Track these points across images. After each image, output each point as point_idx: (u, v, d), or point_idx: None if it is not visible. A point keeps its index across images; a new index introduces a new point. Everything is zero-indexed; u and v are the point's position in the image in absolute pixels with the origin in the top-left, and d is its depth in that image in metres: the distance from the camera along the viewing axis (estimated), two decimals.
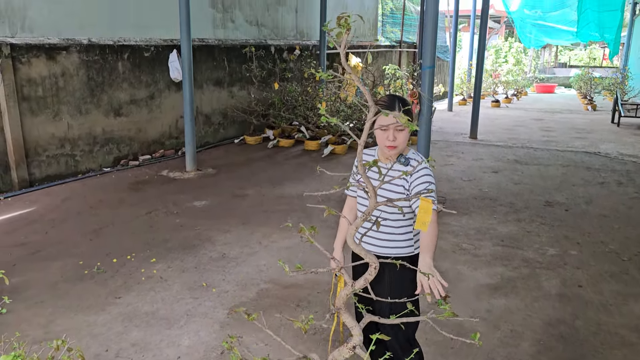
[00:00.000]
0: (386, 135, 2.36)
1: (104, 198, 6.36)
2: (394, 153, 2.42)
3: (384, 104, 2.39)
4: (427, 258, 2.31)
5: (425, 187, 2.36)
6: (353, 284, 2.04)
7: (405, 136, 2.37)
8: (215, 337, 3.45)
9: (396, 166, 2.45)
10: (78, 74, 7.11)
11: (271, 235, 5.25)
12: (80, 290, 4.07)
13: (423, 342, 3.43)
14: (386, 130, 2.35)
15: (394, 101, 2.39)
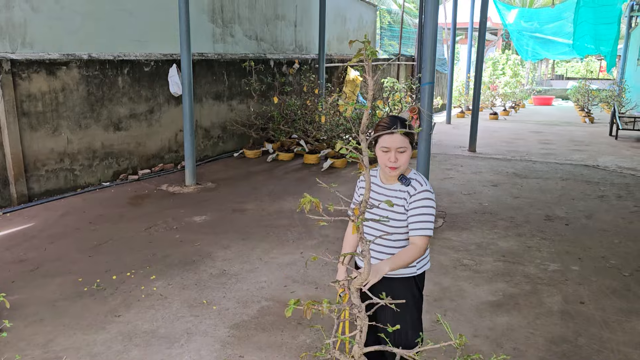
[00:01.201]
0: (388, 157, 2.39)
1: (104, 213, 6.34)
2: (396, 174, 2.44)
3: (385, 125, 2.40)
4: (384, 265, 2.26)
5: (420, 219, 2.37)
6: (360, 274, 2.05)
7: (407, 157, 2.40)
8: (216, 356, 3.42)
9: (397, 186, 2.47)
10: (78, 89, 7.13)
11: (271, 251, 5.23)
12: (80, 308, 4.04)
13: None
14: (388, 151, 2.38)
15: (395, 122, 2.40)
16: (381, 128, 2.40)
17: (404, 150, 2.38)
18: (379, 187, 2.54)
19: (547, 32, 20.62)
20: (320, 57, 11.61)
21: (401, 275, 2.49)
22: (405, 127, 2.37)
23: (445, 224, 6.11)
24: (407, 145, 2.38)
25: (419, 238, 2.37)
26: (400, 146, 2.37)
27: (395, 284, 2.47)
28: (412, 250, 2.37)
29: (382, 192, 2.52)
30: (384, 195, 2.50)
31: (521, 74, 26.27)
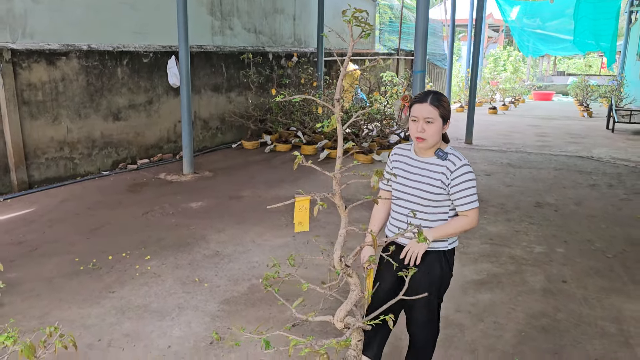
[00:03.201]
0: (416, 126, 2.44)
1: (102, 199, 6.48)
2: (423, 146, 2.46)
3: (417, 96, 2.49)
4: (430, 233, 2.44)
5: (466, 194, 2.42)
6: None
7: (434, 129, 2.42)
8: (205, 328, 3.55)
9: (433, 160, 2.49)
10: (78, 79, 7.26)
11: (265, 234, 5.35)
12: (76, 285, 4.17)
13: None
14: (416, 121, 2.44)
15: (427, 94, 2.46)
16: (413, 99, 2.49)
17: (431, 121, 2.40)
18: (413, 160, 2.56)
19: (550, 29, 20.66)
20: (319, 50, 11.73)
21: (433, 249, 2.52)
22: (438, 102, 2.42)
23: None
24: (436, 117, 2.40)
25: (470, 211, 2.45)
26: (428, 117, 2.40)
27: (426, 257, 2.51)
28: (462, 220, 2.46)
29: (416, 165, 2.53)
30: (417, 168, 2.52)
31: (522, 70, 26.32)
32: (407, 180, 2.54)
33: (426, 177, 2.48)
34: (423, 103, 2.43)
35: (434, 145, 2.47)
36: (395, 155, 2.66)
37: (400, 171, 2.58)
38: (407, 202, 2.54)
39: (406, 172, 2.56)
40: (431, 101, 2.42)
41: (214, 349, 3.32)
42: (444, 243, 2.53)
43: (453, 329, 3.59)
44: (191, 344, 3.36)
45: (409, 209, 2.50)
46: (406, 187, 2.54)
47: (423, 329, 2.66)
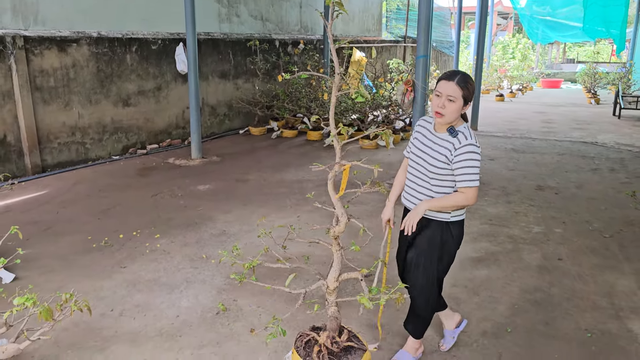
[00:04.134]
0: (437, 102, 2.55)
1: (113, 182, 6.67)
2: (441, 121, 2.59)
3: (446, 73, 2.60)
4: (424, 204, 2.61)
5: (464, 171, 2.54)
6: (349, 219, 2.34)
7: (454, 108, 2.52)
8: (212, 300, 3.72)
9: (445, 135, 2.62)
10: (88, 65, 7.43)
11: (270, 215, 5.51)
12: (89, 261, 4.36)
13: (405, 305, 3.67)
14: (439, 96, 2.55)
15: (456, 74, 2.57)
16: (443, 77, 2.59)
17: (453, 99, 2.50)
18: (430, 134, 2.70)
19: (560, 16, 20.52)
20: (326, 38, 11.80)
21: (436, 218, 2.69)
22: (465, 83, 2.51)
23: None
24: (458, 97, 2.50)
25: (466, 189, 2.55)
26: (451, 94, 2.50)
27: (430, 224, 2.71)
28: (456, 196, 2.58)
29: (431, 139, 2.68)
30: (431, 142, 2.67)
31: (531, 57, 26.18)
32: (420, 152, 2.70)
33: (435, 151, 2.62)
34: (450, 81, 2.52)
35: (450, 122, 2.59)
36: (418, 126, 2.82)
37: (418, 142, 2.75)
38: (417, 172, 2.72)
39: (422, 143, 2.71)
40: (458, 81, 2.51)
41: (220, 318, 3.49)
42: (446, 214, 2.67)
43: (449, 302, 3.72)
44: (198, 314, 3.54)
45: (418, 179, 2.70)
46: (418, 157, 2.70)
47: (421, 293, 2.81)
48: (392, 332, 3.34)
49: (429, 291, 2.81)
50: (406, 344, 3.02)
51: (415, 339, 2.97)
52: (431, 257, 2.73)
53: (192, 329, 3.36)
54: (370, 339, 3.25)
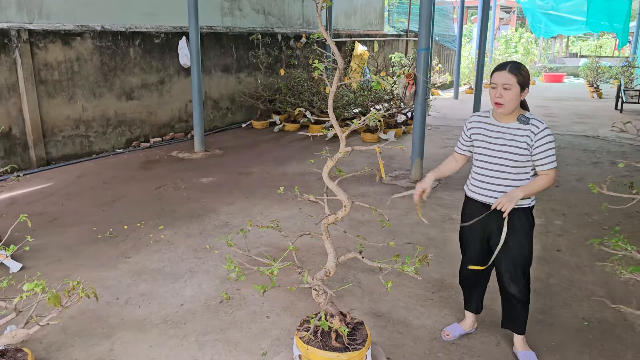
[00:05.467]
0: (494, 92, 2.63)
1: (117, 175, 6.74)
2: (502, 111, 2.65)
3: (499, 64, 2.67)
4: (519, 191, 2.61)
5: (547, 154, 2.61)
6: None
7: (512, 96, 2.60)
8: (215, 289, 3.79)
9: (516, 125, 2.67)
10: (92, 59, 7.49)
11: (272, 207, 5.58)
12: (94, 251, 4.43)
13: (406, 294, 3.74)
14: (495, 88, 2.63)
15: (507, 63, 2.65)
16: (495, 69, 2.67)
17: (509, 87, 2.58)
18: (493, 126, 2.74)
19: (563, 10, 20.48)
20: (328, 32, 11.83)
21: (521, 205, 2.73)
22: (517, 70, 2.59)
23: (440, 186, 6.39)
24: (514, 84, 2.57)
25: (550, 170, 2.64)
26: (506, 83, 2.58)
27: (517, 212, 2.73)
28: (543, 179, 2.65)
29: (498, 130, 2.71)
30: (500, 133, 2.70)
31: (534, 52, 26.16)
32: (491, 145, 2.72)
33: (512, 140, 2.65)
34: (502, 71, 2.61)
35: (512, 111, 2.65)
36: (473, 122, 2.84)
37: (480, 136, 2.77)
38: (493, 165, 2.72)
39: (488, 137, 2.73)
40: (510, 69, 2.59)
41: (224, 307, 3.56)
42: (528, 201, 2.76)
43: (449, 292, 3.79)
44: (202, 303, 3.61)
45: (496, 172, 2.71)
46: (491, 150, 2.71)
47: (519, 282, 2.88)
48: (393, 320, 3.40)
49: (527, 280, 2.90)
50: (518, 344, 3.03)
51: (522, 334, 3.01)
52: (528, 244, 2.82)
53: (196, 317, 3.43)
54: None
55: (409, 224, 5.08)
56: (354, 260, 4.22)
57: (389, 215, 5.35)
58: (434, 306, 3.60)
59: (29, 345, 3.02)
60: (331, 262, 2.34)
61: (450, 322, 3.38)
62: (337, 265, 2.38)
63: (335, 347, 2.28)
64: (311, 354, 2.36)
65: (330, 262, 2.34)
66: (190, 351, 3.06)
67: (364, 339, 2.36)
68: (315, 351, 2.33)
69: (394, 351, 3.05)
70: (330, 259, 2.34)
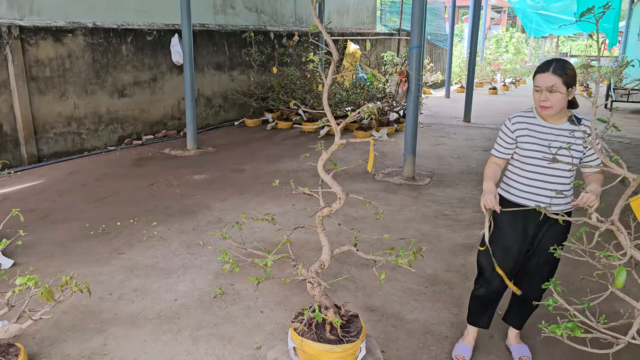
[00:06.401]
0: (539, 96, 2.48)
1: (109, 172, 6.70)
2: (549, 113, 2.49)
3: (540, 65, 2.52)
4: (599, 187, 2.45)
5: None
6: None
7: (558, 97, 2.43)
8: (209, 284, 3.79)
9: (568, 126, 2.52)
10: (84, 55, 7.44)
11: (266, 203, 5.58)
12: (87, 248, 4.41)
13: (399, 289, 3.76)
14: (539, 90, 2.47)
15: (550, 63, 2.48)
16: (536, 69, 2.52)
17: (554, 89, 2.41)
18: (542, 127, 2.56)
19: (554, 10, 20.64)
20: None
21: (567, 210, 2.61)
22: (562, 69, 2.42)
23: (432, 182, 6.42)
24: (559, 85, 2.40)
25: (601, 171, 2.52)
26: (550, 85, 2.41)
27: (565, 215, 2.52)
28: (601, 177, 2.52)
29: (550, 132, 2.54)
30: (552, 135, 2.53)
31: (524, 51, 26.35)
32: (544, 147, 2.53)
33: (570, 143, 2.47)
34: (545, 72, 2.45)
35: (560, 111, 2.50)
36: (518, 123, 2.64)
37: (529, 138, 2.58)
38: (547, 169, 2.54)
39: (539, 139, 2.55)
40: (554, 70, 2.43)
41: (218, 302, 3.56)
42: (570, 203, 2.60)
43: (442, 286, 3.82)
44: (196, 298, 3.60)
45: (550, 175, 2.54)
46: (545, 154, 2.52)
47: (540, 284, 2.74)
48: (386, 314, 3.41)
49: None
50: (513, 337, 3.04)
51: (520, 329, 3.03)
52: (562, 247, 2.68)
53: (190, 312, 3.42)
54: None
55: (402, 220, 5.10)
56: (348, 255, 4.25)
57: (381, 210, 5.37)
58: (427, 300, 3.62)
59: (22, 340, 3.01)
60: (326, 255, 2.35)
61: (443, 317, 3.40)
62: (332, 258, 2.39)
63: (329, 339, 2.29)
64: (305, 346, 2.37)
65: (324, 255, 2.35)
66: (184, 346, 3.06)
67: (358, 331, 2.37)
68: (310, 343, 2.34)
69: (388, 344, 3.07)
70: (324, 252, 2.35)
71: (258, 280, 2.29)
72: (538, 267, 2.77)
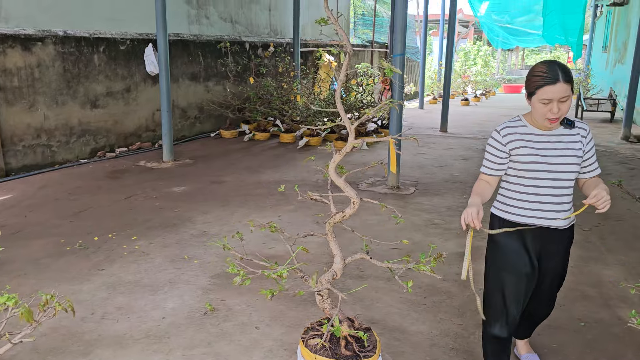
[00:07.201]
0: (549, 108, 2.14)
1: (82, 185, 6.40)
2: (554, 125, 2.25)
3: (544, 74, 2.14)
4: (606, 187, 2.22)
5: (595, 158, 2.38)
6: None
7: (568, 106, 2.17)
8: (198, 300, 3.58)
9: (563, 130, 2.30)
10: (54, 65, 7.14)
11: (250, 215, 5.39)
12: (63, 264, 4.14)
13: (397, 300, 3.62)
14: (548, 103, 2.14)
15: (555, 72, 2.13)
16: (539, 79, 2.15)
17: (567, 99, 2.13)
18: (537, 136, 2.29)
19: (519, 24, 21.14)
20: (295, 40, 11.76)
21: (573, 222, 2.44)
22: (568, 74, 2.13)
23: (417, 191, 6.34)
24: (569, 92, 2.14)
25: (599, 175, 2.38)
26: (564, 95, 2.12)
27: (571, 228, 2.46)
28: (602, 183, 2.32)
29: (546, 140, 2.28)
30: (550, 143, 2.28)
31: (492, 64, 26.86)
32: (543, 158, 2.27)
33: (567, 149, 2.28)
34: (556, 84, 2.11)
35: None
36: (510, 135, 2.32)
37: (525, 149, 2.29)
38: (550, 181, 2.28)
39: (536, 149, 2.28)
40: (564, 79, 2.12)
41: (209, 318, 3.35)
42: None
43: (441, 296, 3.70)
44: (185, 315, 3.39)
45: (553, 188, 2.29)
46: (546, 165, 2.27)
47: (552, 302, 2.67)
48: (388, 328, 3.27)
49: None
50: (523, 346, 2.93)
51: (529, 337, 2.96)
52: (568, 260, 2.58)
53: (180, 330, 3.21)
54: None
55: (392, 229, 4.99)
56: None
57: (371, 220, 5.25)
58: (428, 311, 3.49)
59: None
60: (338, 264, 2.20)
61: (447, 328, 3.28)
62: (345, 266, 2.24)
63: (345, 355, 2.12)
64: None
65: (336, 264, 2.20)
66: None
67: (373, 345, 2.22)
68: None
69: (395, 359, 2.92)
70: (337, 261, 2.19)
71: (272, 293, 2.11)
72: (551, 288, 2.56)
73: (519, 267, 2.39)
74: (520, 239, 2.37)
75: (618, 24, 17.48)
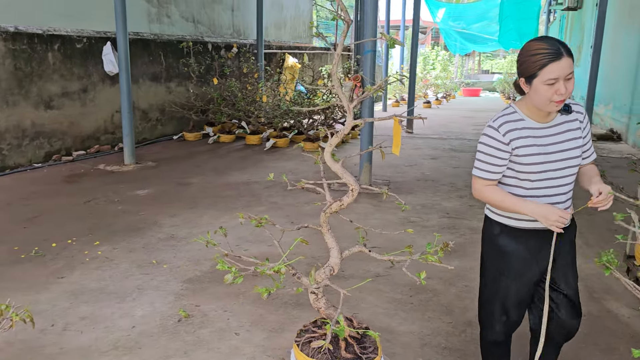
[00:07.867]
0: (555, 89, 1.89)
1: (37, 190, 6.00)
2: (554, 115, 2.04)
3: (546, 50, 1.88)
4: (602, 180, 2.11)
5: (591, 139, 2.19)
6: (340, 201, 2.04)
7: (573, 82, 1.93)
8: (170, 307, 3.32)
9: (561, 118, 2.06)
10: (4, 62, 6.70)
11: (221, 217, 5.14)
12: (18, 273, 3.80)
13: (384, 299, 3.46)
14: (554, 83, 1.89)
15: (554, 43, 1.90)
16: (542, 57, 1.88)
17: (571, 76, 1.91)
18: (539, 129, 2.04)
19: (474, 30, 21.57)
20: (259, 42, 11.55)
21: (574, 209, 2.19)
22: (566, 45, 1.90)
23: (390, 190, 6.20)
24: (573, 67, 1.90)
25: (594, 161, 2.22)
26: (569, 72, 1.89)
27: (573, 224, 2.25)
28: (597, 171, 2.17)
29: (549, 132, 2.04)
30: (552, 135, 2.04)
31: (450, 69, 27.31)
32: (547, 151, 2.03)
33: (570, 140, 2.06)
34: (561, 59, 1.87)
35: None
36: (510, 131, 2.02)
37: (529, 148, 2.03)
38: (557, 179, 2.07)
39: (539, 144, 2.03)
40: (567, 53, 1.89)
41: (184, 325, 3.10)
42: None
43: (427, 294, 3.56)
44: (157, 323, 3.13)
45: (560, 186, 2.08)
46: (550, 163, 2.04)
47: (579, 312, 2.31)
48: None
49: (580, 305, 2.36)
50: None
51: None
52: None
53: (153, 340, 2.95)
54: None
55: (373, 226, 4.82)
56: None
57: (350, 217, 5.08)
58: (416, 310, 3.35)
59: None
60: (335, 259, 2.02)
61: (437, 326, 3.14)
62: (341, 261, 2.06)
63: (346, 357, 1.94)
64: None
65: (333, 258, 2.02)
66: None
67: (374, 346, 2.04)
68: None
69: None
70: (333, 255, 2.01)
71: (268, 292, 1.91)
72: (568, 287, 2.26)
73: (522, 272, 2.19)
74: (524, 242, 2.15)
75: (572, 28, 18.02)
